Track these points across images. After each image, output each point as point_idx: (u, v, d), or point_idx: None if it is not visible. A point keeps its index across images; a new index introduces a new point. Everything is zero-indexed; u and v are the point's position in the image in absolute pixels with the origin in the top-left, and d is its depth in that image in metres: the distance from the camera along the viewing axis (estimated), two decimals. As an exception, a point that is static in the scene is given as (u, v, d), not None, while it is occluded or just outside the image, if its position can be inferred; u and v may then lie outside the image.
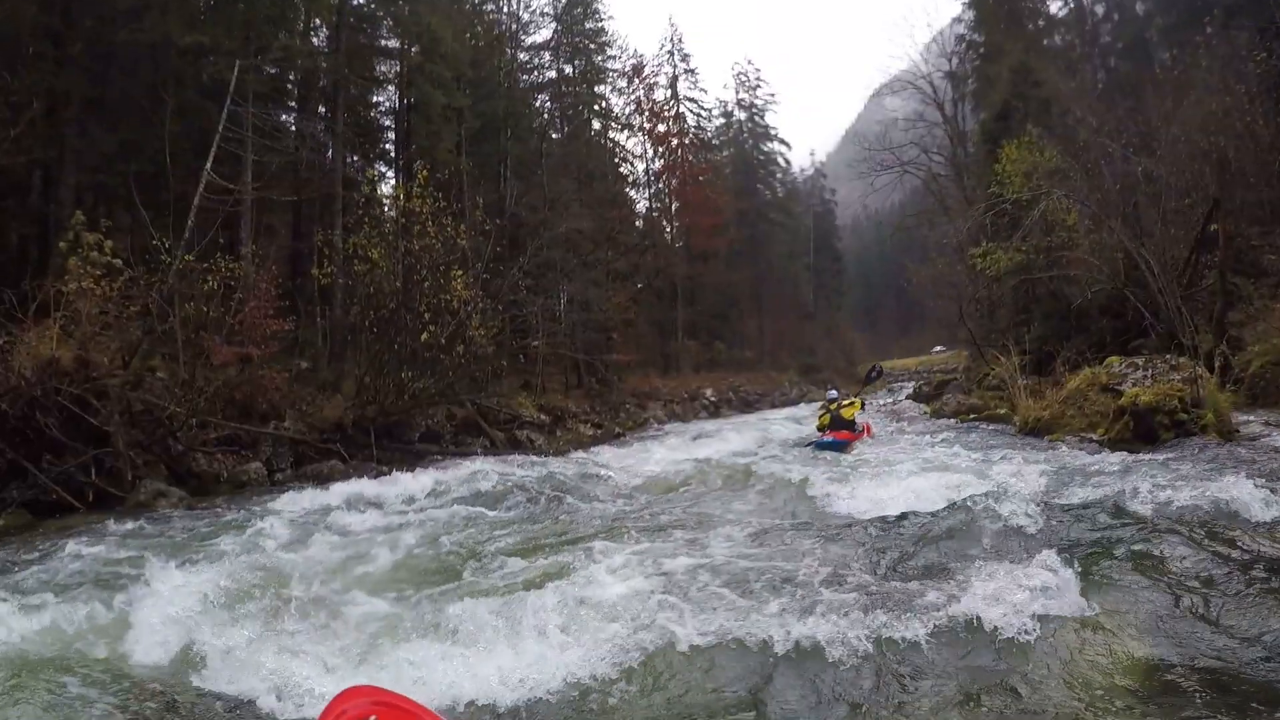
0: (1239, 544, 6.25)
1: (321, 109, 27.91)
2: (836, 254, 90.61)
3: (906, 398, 35.76)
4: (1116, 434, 12.75)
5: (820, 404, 20.69)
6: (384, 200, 18.62)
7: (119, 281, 14.30)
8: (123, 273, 14.39)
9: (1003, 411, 19.25)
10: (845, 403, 18.10)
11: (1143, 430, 12.30)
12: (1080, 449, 13.05)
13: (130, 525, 10.58)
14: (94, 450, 12.71)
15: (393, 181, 30.54)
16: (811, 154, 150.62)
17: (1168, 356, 15.34)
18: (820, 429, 17.95)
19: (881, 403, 36.75)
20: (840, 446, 16.50)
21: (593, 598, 6.46)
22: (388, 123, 33.96)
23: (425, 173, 19.18)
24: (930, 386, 34.53)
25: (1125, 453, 11.71)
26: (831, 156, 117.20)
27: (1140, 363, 15.31)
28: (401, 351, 18.50)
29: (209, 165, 16.02)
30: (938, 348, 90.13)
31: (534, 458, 18.96)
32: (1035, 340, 24.03)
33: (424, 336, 18.08)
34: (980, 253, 26.56)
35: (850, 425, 17.63)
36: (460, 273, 19.64)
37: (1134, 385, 14.17)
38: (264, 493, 14.11)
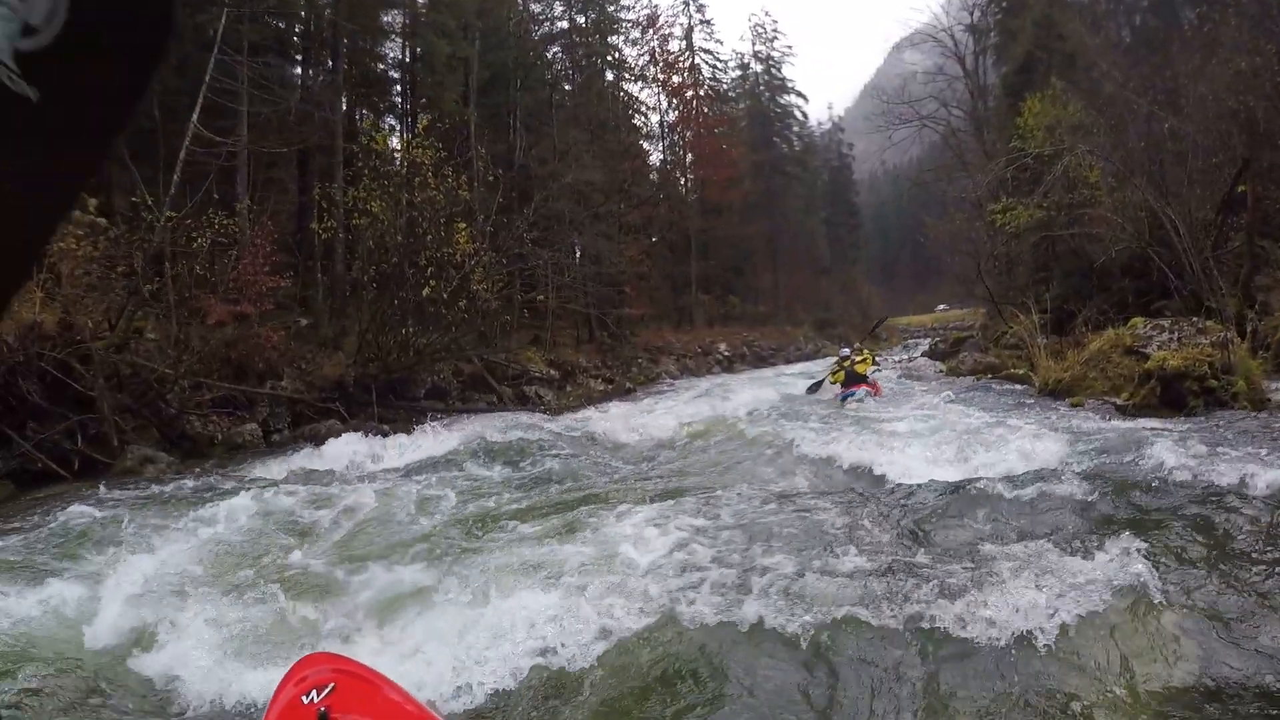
0: (1282, 531, 5.78)
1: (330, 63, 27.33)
2: (853, 208, 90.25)
3: (922, 355, 35.21)
4: (1142, 399, 12.21)
5: (835, 360, 20.39)
6: (385, 151, 17.92)
7: (102, 241, 13.81)
8: (106, 232, 13.90)
9: (1021, 371, 18.72)
10: (858, 359, 18.46)
11: (1170, 396, 11.76)
12: (1103, 414, 12.53)
13: (115, 493, 10.11)
14: (79, 416, 12.25)
15: (401, 134, 30.14)
16: (829, 108, 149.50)
17: (1194, 319, 14.83)
18: (837, 385, 18.35)
19: (897, 359, 36.39)
20: (860, 396, 17.28)
21: (589, 566, 6.32)
22: (395, 75, 33.35)
23: (425, 123, 18.64)
24: (946, 344, 34.02)
25: (1152, 420, 11.19)
26: (849, 111, 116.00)
27: (1166, 325, 14.78)
28: (404, 307, 18.02)
29: (195, 117, 15.46)
30: (941, 306, 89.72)
31: (540, 415, 18.74)
32: (1055, 299, 23.48)
33: (426, 291, 17.61)
34: (1000, 208, 26.05)
35: (863, 379, 17.97)
36: (464, 225, 19.14)
37: (1160, 348, 13.70)
38: (259, 455, 13.72)
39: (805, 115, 76.55)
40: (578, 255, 33.08)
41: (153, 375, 13.81)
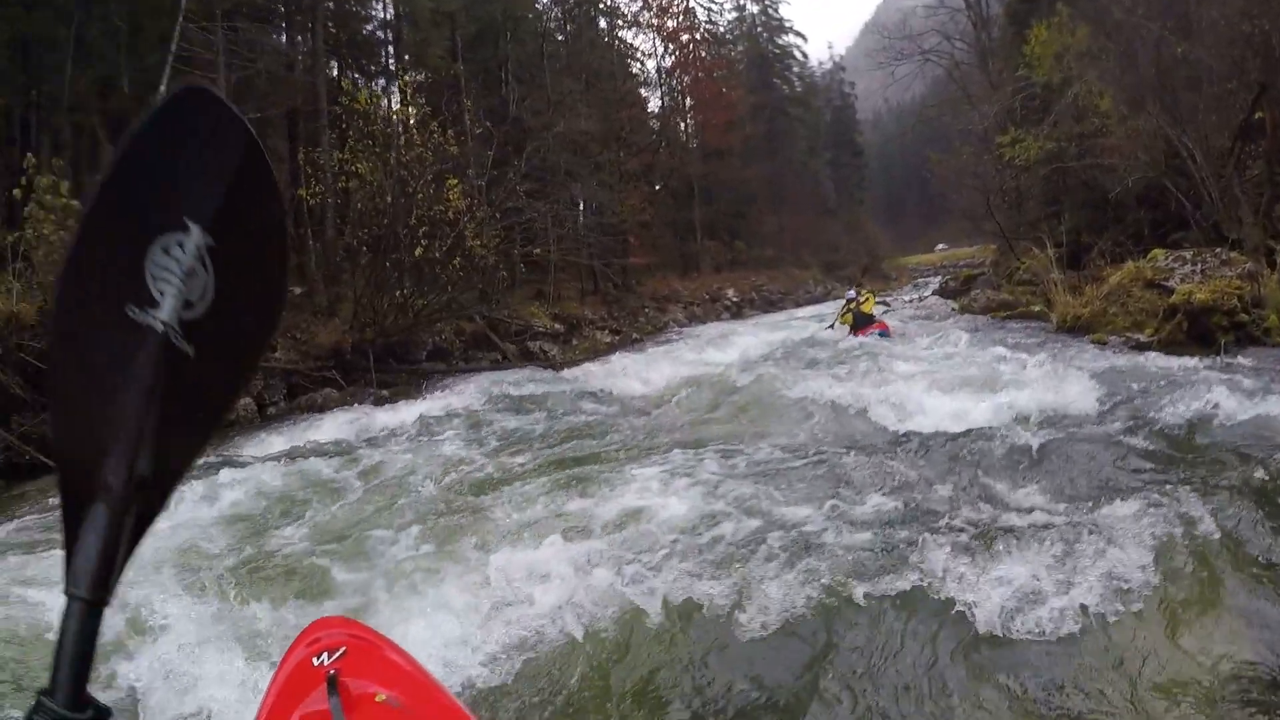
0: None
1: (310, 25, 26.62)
2: (857, 148, 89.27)
3: (933, 294, 34.62)
4: (1168, 335, 11.66)
5: (842, 304, 20.53)
6: (367, 111, 17.27)
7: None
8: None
9: (1037, 308, 18.18)
10: (862, 299, 18.73)
11: (1198, 332, 11.20)
12: (1127, 352, 11.96)
13: None
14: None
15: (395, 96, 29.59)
16: (829, 47, 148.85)
17: (1217, 250, 14.23)
18: (846, 326, 18.75)
19: (907, 299, 35.95)
20: (881, 335, 17.39)
21: (595, 529, 6.03)
22: (382, 35, 32.60)
23: (405, 78, 18.09)
24: (957, 282, 33.44)
25: (1180, 358, 10.57)
26: (850, 50, 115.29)
27: (1188, 256, 14.15)
28: (398, 268, 17.52)
29: (163, 87, 14.86)
30: (940, 246, 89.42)
31: (545, 370, 18.34)
32: (1067, 233, 22.91)
33: (418, 251, 17.09)
34: (1008, 140, 25.38)
35: (872, 319, 18.35)
36: (455, 182, 18.60)
37: (1183, 281, 13.15)
38: (252, 430, 13.21)
39: (805, 55, 75.87)
40: (581, 207, 32.45)
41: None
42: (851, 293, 19.97)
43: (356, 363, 17.10)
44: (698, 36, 58.28)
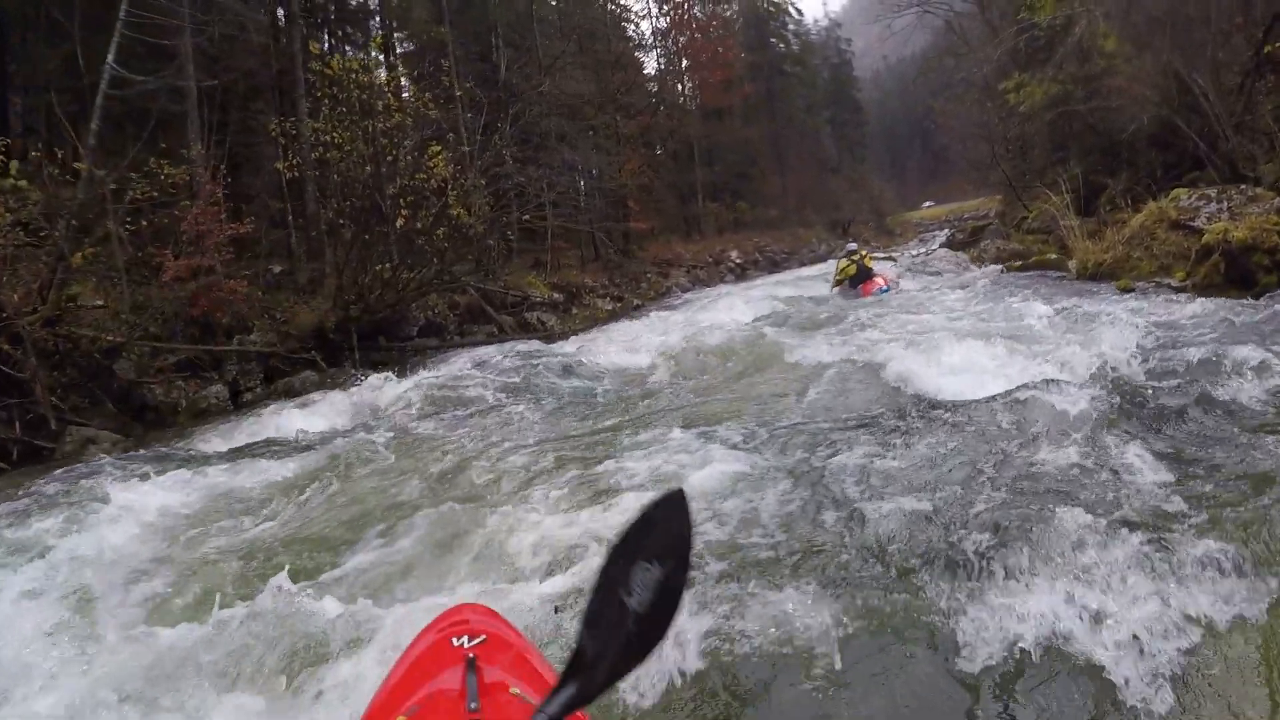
0: None
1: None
2: (856, 105, 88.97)
3: (941, 246, 33.69)
4: (1204, 278, 10.83)
5: (843, 256, 20.43)
6: (340, 77, 16.38)
7: (25, 210, 12.43)
8: (27, 197, 12.52)
9: (1053, 256, 17.41)
10: (862, 252, 19.20)
11: (1237, 273, 10.35)
12: (1160, 298, 11.15)
13: (48, 485, 8.60)
14: (12, 401, 11.04)
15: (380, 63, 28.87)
16: (824, 4, 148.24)
17: (1242, 187, 13.44)
18: (849, 280, 19.16)
19: (914, 253, 35.29)
20: (886, 290, 17.90)
21: (589, 520, 5.46)
22: (373, 5, 31.73)
23: (380, 40, 17.25)
24: (964, 234, 32.62)
25: (1220, 301, 9.78)
26: (846, 9, 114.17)
27: (1213, 194, 13.34)
28: (382, 241, 16.73)
29: (110, 58, 13.94)
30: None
31: (540, 343, 17.69)
32: (1075, 178, 22.16)
33: (399, 222, 16.30)
34: (1013, 84, 24.60)
35: (871, 273, 18.90)
36: (438, 149, 17.78)
37: (1209, 220, 12.37)
38: (223, 419, 12.54)
39: (800, 13, 74.88)
40: (581, 172, 31.66)
41: (96, 345, 12.52)
42: (852, 245, 20.71)
43: (340, 342, 16.32)
44: (691, -5, 57.09)
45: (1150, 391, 6.22)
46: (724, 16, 62.28)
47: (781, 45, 71.13)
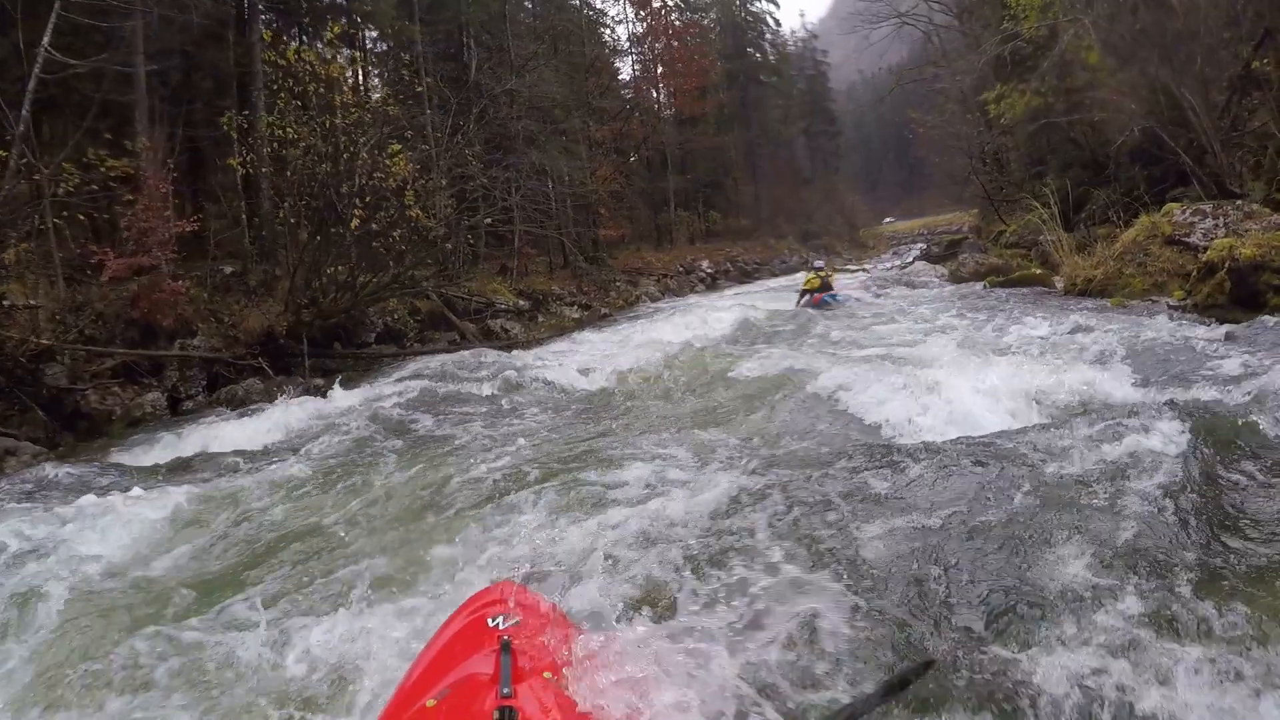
0: None
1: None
2: (832, 117, 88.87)
3: (916, 260, 33.11)
4: (1206, 297, 10.08)
5: (810, 270, 21.05)
6: (296, 69, 15.55)
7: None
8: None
9: (1038, 272, 16.78)
10: (826, 271, 19.64)
11: (1243, 293, 9.55)
12: (1159, 317, 10.37)
13: None
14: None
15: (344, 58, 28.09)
16: (801, 15, 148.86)
17: (1238, 203, 12.84)
18: (811, 293, 19.23)
19: (888, 266, 34.81)
20: (841, 299, 18.35)
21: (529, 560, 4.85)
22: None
23: (336, 30, 16.45)
24: (940, 247, 32.10)
25: (1227, 324, 9.01)
26: (823, 21, 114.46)
27: (1208, 210, 12.73)
28: (338, 243, 15.94)
29: (46, 40, 13.14)
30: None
31: (501, 353, 16.88)
32: (1062, 190, 21.71)
33: (354, 223, 15.52)
34: (993, 95, 24.13)
35: (829, 287, 19.27)
36: (398, 147, 17.02)
37: (1205, 236, 11.76)
38: (157, 429, 11.57)
39: (778, 22, 74.63)
40: (550, 176, 30.91)
41: (22, 349, 11.66)
42: (819, 263, 21.71)
43: (290, 348, 15.49)
44: (670, 2, 56.87)
45: (1167, 428, 5.46)
46: (701, 24, 62.03)
47: (758, 55, 70.87)
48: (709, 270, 42.99)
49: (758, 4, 70.55)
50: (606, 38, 51.40)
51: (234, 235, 19.60)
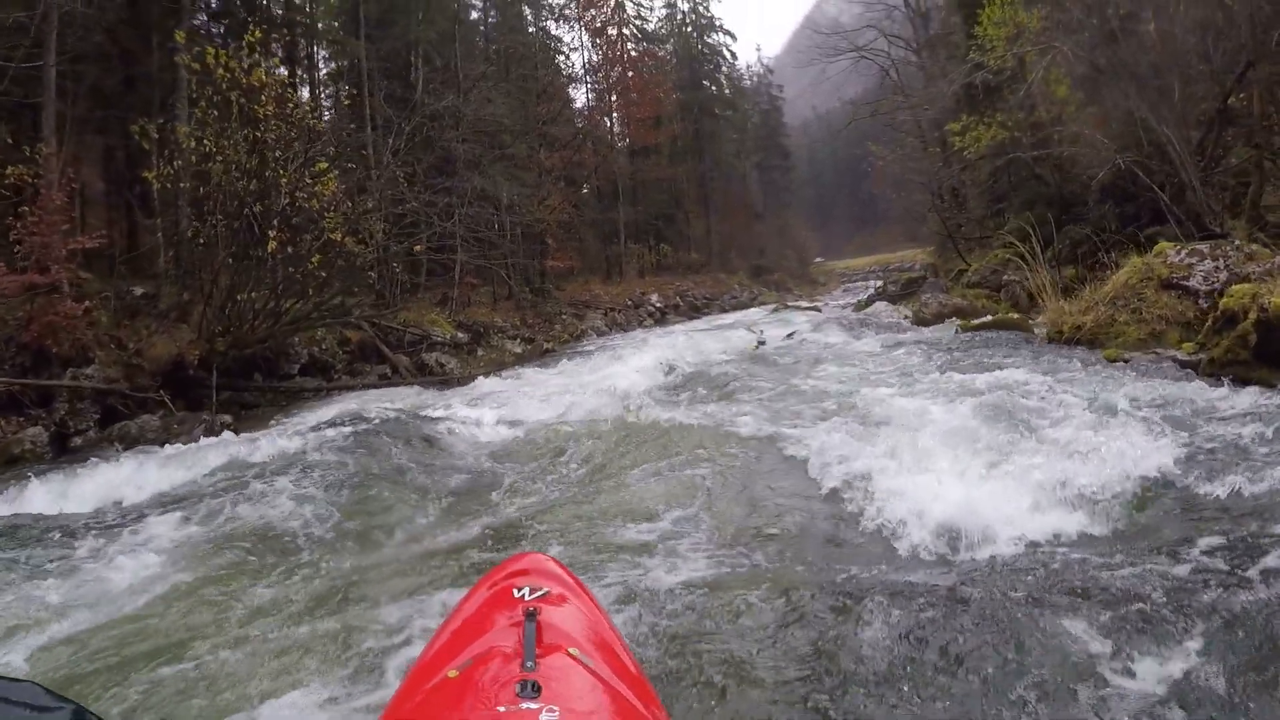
0: None
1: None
2: (785, 151, 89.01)
3: (873, 298, 31.76)
4: (1224, 353, 8.71)
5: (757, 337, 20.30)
6: (215, 77, 14.20)
7: None
8: None
9: (1015, 317, 15.59)
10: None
11: (1271, 349, 8.25)
12: (1168, 377, 8.95)
13: None
14: None
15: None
16: (758, 49, 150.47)
17: (1237, 243, 11.78)
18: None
19: (842, 304, 33.83)
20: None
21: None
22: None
23: (258, 34, 15.13)
24: (897, 286, 31.00)
25: (1254, 385, 7.68)
26: (779, 59, 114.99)
27: (1205, 250, 11.58)
28: (258, 267, 14.63)
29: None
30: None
31: (431, 391, 16.19)
32: (1014, 230, 20.84)
33: (271, 245, 14.18)
34: (958, 127, 23.23)
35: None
36: (324, 166, 15.74)
37: (1207, 279, 10.69)
38: (27, 470, 10.07)
39: (734, 55, 74.59)
40: (493, 202, 29.69)
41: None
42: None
43: (201, 379, 14.08)
44: (626, 32, 56.64)
45: (1206, 546, 4.26)
46: (657, 54, 61.89)
47: (714, 88, 70.66)
48: (658, 305, 42.60)
49: (714, 36, 70.36)
50: (561, 64, 50.92)
51: (149, 254, 18.27)
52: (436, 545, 6.27)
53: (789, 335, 19.95)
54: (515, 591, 2.39)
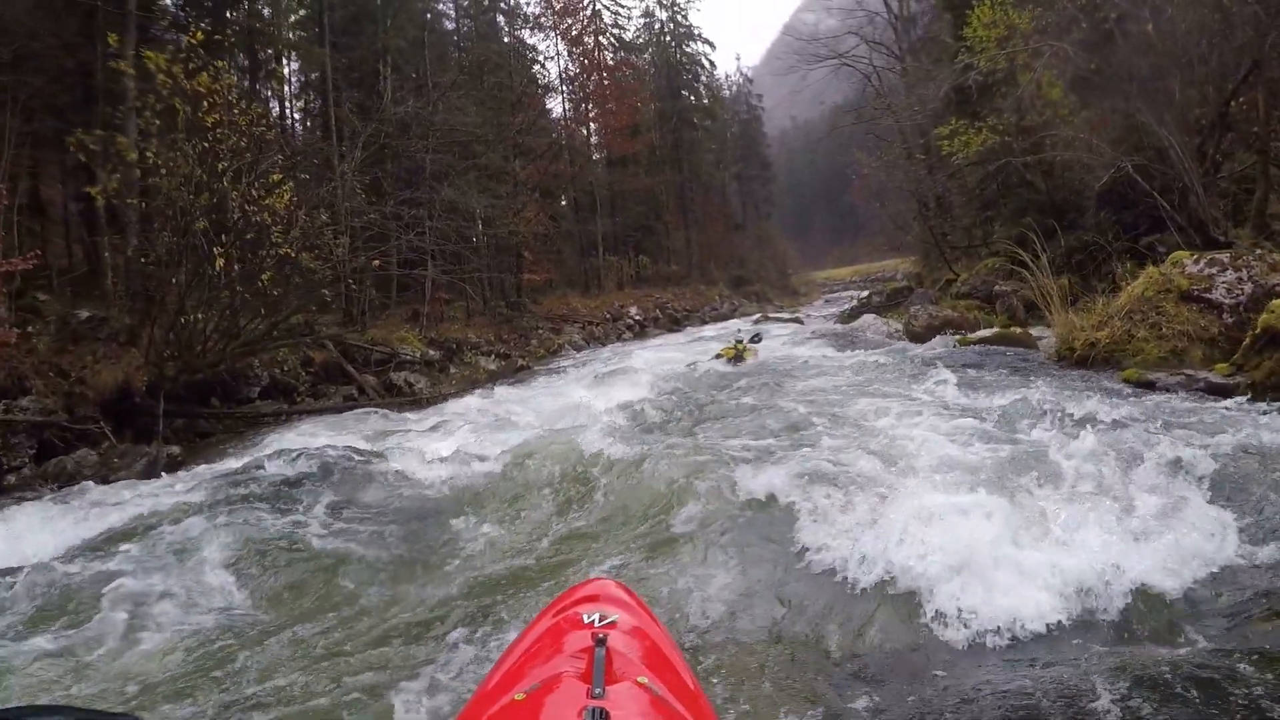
0: None
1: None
2: (765, 161, 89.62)
3: (859, 310, 30.57)
4: (1267, 375, 7.79)
5: (733, 339, 19.65)
6: (160, 84, 13.28)
7: None
8: None
9: (1018, 331, 14.65)
10: (746, 345, 18.51)
11: None
12: (1203, 402, 8.02)
13: None
14: None
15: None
16: (737, 58, 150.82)
17: (1259, 252, 10.96)
18: (724, 357, 18.14)
19: (825, 315, 33.04)
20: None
21: None
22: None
23: (200, 36, 14.17)
24: (882, 296, 30.16)
25: None
26: (757, 69, 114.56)
27: (1225, 260, 10.72)
28: (208, 286, 13.68)
29: None
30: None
31: (398, 413, 15.38)
32: (1007, 238, 20.13)
33: (219, 263, 13.22)
34: (947, 131, 22.40)
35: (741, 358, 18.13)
36: (278, 177, 14.86)
37: (1230, 292, 9.88)
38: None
39: (713, 64, 73.99)
40: (468, 217, 28.81)
41: None
42: (742, 335, 20.46)
43: (149, 408, 13.06)
44: (603, 40, 56.16)
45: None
46: (635, 62, 61.69)
47: (692, 97, 70.08)
48: (637, 317, 41.92)
49: (693, 45, 69.87)
50: (537, 72, 50.29)
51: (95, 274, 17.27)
52: (368, 608, 5.54)
53: (754, 338, 20.15)
54: (585, 617, 2.35)
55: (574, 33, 52.93)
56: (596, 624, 2.28)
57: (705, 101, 72.20)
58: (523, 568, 6.13)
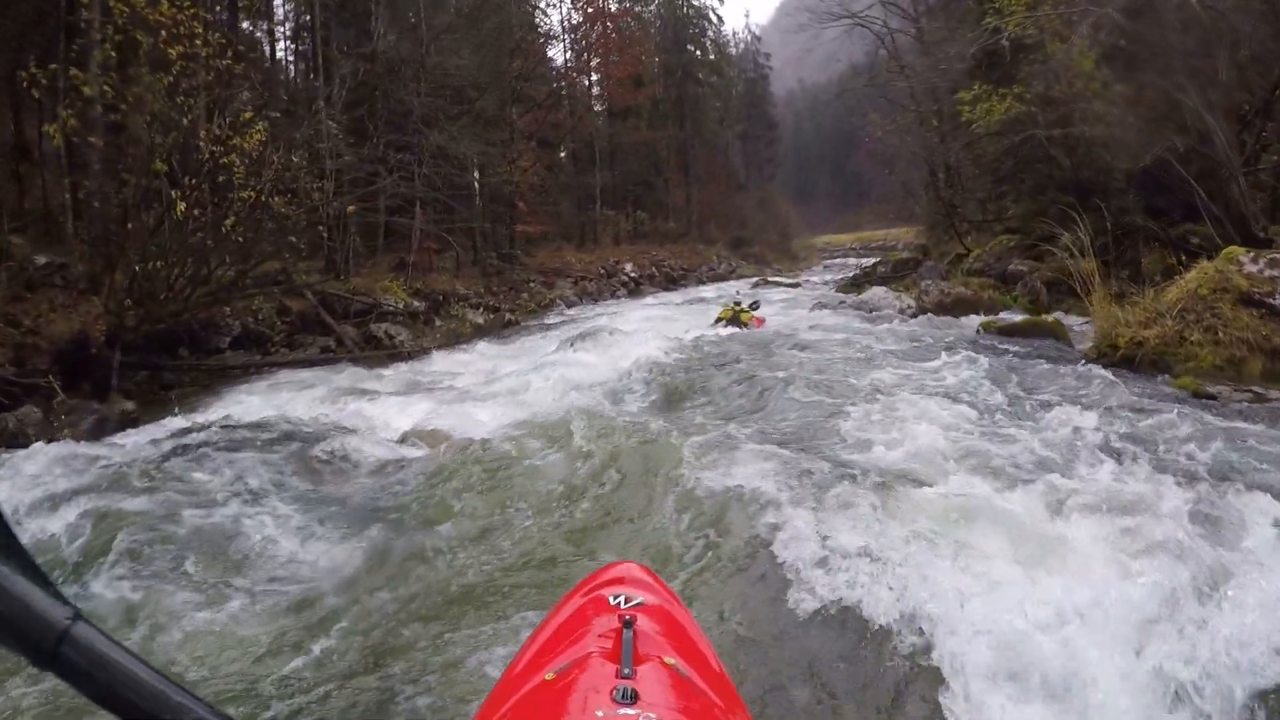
0: None
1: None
2: (770, 121, 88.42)
3: (862, 279, 29.45)
4: None
5: (728, 301, 19.79)
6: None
7: None
8: None
9: (1048, 320, 13.56)
10: (745, 310, 17.92)
11: None
12: (1272, 421, 6.90)
13: None
14: None
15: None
16: (746, 15, 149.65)
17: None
18: (721, 320, 17.71)
19: (824, 280, 32.30)
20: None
21: None
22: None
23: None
24: (888, 267, 29.05)
25: None
26: (765, 29, 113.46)
27: (1285, 257, 9.68)
28: (169, 231, 12.75)
29: None
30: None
31: (376, 368, 14.82)
32: (1022, 217, 19.17)
33: (179, 206, 12.23)
34: (970, 96, 21.22)
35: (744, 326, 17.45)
36: (250, 115, 13.94)
37: (1292, 291, 8.89)
38: None
39: (720, 19, 72.78)
40: (462, 164, 27.89)
41: None
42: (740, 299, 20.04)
43: (107, 359, 12.08)
44: (608, -12, 54.61)
45: None
46: (638, 13, 60.72)
47: (698, 52, 68.97)
48: (632, 274, 41.35)
49: (700, -2, 68.54)
50: (538, 19, 48.94)
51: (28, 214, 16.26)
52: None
53: (753, 305, 18.90)
54: (611, 599, 2.30)
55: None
56: (623, 606, 2.25)
57: (711, 57, 71.17)
58: (524, 555, 5.51)
